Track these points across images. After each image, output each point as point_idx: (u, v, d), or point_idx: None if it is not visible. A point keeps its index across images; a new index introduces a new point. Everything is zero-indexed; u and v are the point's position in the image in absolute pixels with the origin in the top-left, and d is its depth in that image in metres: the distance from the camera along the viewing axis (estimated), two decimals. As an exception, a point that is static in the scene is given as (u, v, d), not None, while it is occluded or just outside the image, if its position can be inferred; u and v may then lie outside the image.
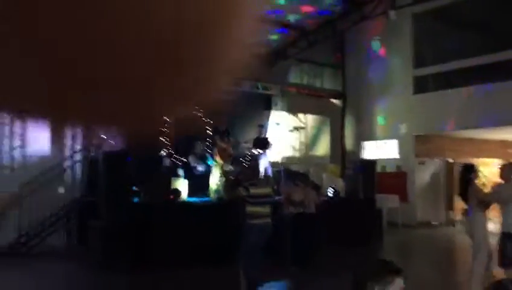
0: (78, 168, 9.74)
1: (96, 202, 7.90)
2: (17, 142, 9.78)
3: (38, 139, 9.97)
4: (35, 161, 9.71)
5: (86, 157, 9.70)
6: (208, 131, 10.27)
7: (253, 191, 5.71)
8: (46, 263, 7.96)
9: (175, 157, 10.07)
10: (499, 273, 5.28)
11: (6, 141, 9.66)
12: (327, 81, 15.50)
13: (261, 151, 10.44)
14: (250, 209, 5.62)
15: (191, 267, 6.98)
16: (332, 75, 15.63)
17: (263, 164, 10.43)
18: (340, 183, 11.57)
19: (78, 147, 9.93)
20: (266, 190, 5.92)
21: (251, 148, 10.64)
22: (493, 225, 6.06)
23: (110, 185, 7.57)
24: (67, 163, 9.61)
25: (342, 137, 15.54)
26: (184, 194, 9.11)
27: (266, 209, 5.66)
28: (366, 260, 7.95)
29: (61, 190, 9.34)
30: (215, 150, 10.20)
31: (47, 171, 8.99)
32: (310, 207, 7.15)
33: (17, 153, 9.76)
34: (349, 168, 13.11)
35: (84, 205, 8.99)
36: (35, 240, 8.62)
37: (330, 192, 10.67)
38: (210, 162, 10.33)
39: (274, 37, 12.00)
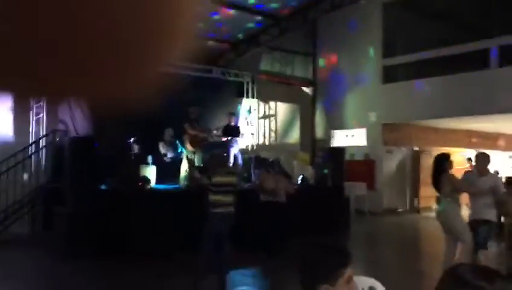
0: (44, 154, 9.50)
1: (62, 189, 7.73)
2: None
3: (1, 124, 9.72)
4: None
5: (52, 143, 9.47)
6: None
7: (215, 179, 5.80)
8: (10, 251, 7.78)
9: (144, 144, 9.95)
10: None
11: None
12: (298, 69, 15.55)
13: (231, 138, 10.43)
14: (212, 197, 5.71)
15: (158, 255, 6.96)
16: (303, 63, 15.68)
17: (233, 152, 10.45)
18: (310, 171, 11.68)
19: (43, 132, 9.69)
20: (229, 179, 5.94)
21: (221, 136, 10.62)
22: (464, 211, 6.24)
23: (77, 171, 7.44)
24: (32, 149, 9.35)
25: (312, 125, 15.66)
26: (153, 182, 9.05)
27: (228, 198, 5.71)
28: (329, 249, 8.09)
29: (25, 177, 9.11)
30: (185, 137, 10.16)
31: (10, 157, 8.72)
32: (280, 195, 7.14)
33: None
34: (318, 156, 13.26)
35: (49, 192, 8.80)
36: (-2, 227, 8.41)
37: (300, 180, 10.77)
38: (180, 149, 10.28)
39: (249, 24, 11.90)
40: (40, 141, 9.57)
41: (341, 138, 14.96)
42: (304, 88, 15.85)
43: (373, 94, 14.00)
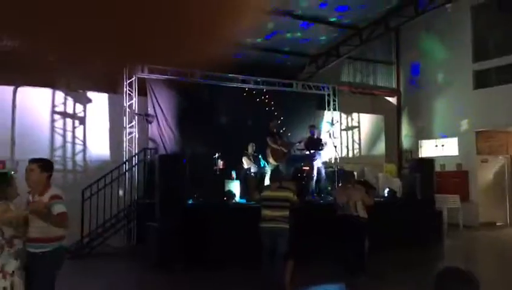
0: (136, 171, 10.06)
1: (153, 204, 8.14)
2: (79, 147, 10.29)
3: (98, 143, 10.46)
4: (96, 165, 10.19)
5: (143, 160, 10.03)
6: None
7: (264, 194, 5.98)
8: (108, 262, 8.31)
9: (228, 159, 10.20)
10: None
11: (69, 146, 10.19)
12: (381, 79, 15.18)
13: (314, 151, 10.39)
14: (262, 212, 5.88)
15: (243, 267, 7.07)
16: (386, 72, 15.29)
17: (316, 165, 10.39)
18: (397, 183, 11.29)
19: (135, 150, 10.28)
20: (280, 193, 5.93)
21: (304, 149, 10.62)
22: None
23: (167, 187, 7.80)
24: (126, 167, 9.95)
25: (398, 135, 15.17)
26: (237, 196, 9.25)
27: (276, 213, 5.76)
28: (426, 263, 7.73)
29: (120, 193, 9.69)
30: (268, 151, 10.28)
31: (107, 174, 9.35)
32: (356, 209, 6.93)
33: (79, 158, 10.27)
34: (405, 167, 12.77)
35: (142, 207, 9.29)
36: (97, 240, 9.00)
37: (386, 192, 10.45)
38: (263, 163, 10.41)
39: (329, 35, 11.87)
40: (133, 158, 10.15)
41: (430, 148, 14.32)
42: (388, 98, 15.43)
43: (464, 101, 13.27)
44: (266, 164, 10.37)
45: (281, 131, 11.27)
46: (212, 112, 11.32)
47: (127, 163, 10.02)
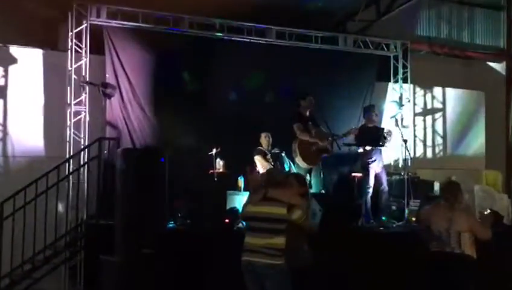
0: (86, 174, 10.04)
1: (112, 228, 8.11)
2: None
3: (26, 129, 10.45)
4: (22, 164, 10.19)
5: (98, 157, 9.98)
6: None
7: (245, 209, 6.26)
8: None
9: (231, 158, 10.14)
10: None
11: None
12: (481, 34, 15.00)
13: (371, 148, 10.31)
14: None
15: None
16: (490, 22, 15.11)
17: (375, 170, 10.29)
18: (505, 202, 11.15)
19: (85, 142, 10.25)
20: (268, 209, 5.99)
21: (354, 144, 10.59)
22: None
23: (133, 200, 7.74)
24: (69, 167, 9.94)
25: (508, 125, 14.97)
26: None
27: (261, 241, 5.88)
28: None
29: (60, 209, 9.67)
30: (295, 146, 10.19)
31: (39, 179, 9.33)
32: (458, 243, 6.84)
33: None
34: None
35: (94, 232, 9.26)
36: (23, 284, 8.99)
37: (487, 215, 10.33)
38: (287, 164, 10.33)
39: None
40: (81, 154, 10.11)
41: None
42: (492, 64, 15.25)
43: None
44: (292, 165, 10.29)
45: (318, 115, 11.17)
46: (208, 83, 11.30)
47: (71, 161, 9.99)
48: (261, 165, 10.23)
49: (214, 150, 9.95)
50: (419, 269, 7.11)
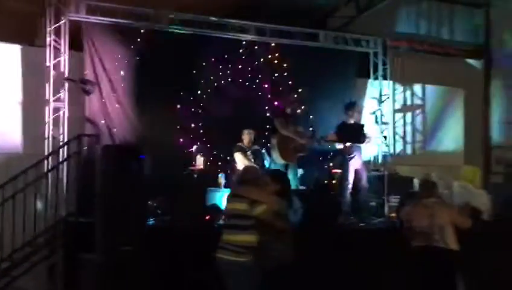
0: (65, 171, 9.97)
1: (92, 225, 8.05)
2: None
3: (3, 125, 10.36)
4: (0, 160, 10.09)
5: (77, 154, 9.91)
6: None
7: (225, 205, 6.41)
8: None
9: (212, 155, 10.13)
10: None
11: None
12: (459, 31, 15.08)
13: (351, 145, 10.32)
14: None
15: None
16: (468, 19, 15.19)
17: (354, 166, 10.32)
18: (482, 198, 11.20)
19: (64, 138, 10.18)
20: (234, 205, 6.14)
21: (334, 141, 10.58)
22: None
23: (113, 197, 7.69)
24: (48, 164, 9.86)
25: (486, 121, 15.07)
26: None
27: (236, 237, 5.99)
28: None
29: (39, 206, 9.60)
30: (274, 142, 10.18)
31: (17, 176, 9.25)
32: (441, 237, 6.94)
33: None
34: (498, 172, 12.69)
35: (73, 230, 9.19)
36: (0, 282, 8.90)
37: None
38: (268, 161, 10.33)
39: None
40: (60, 151, 10.04)
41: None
42: (471, 60, 15.34)
43: None
44: (272, 162, 10.29)
45: (298, 111, 11.18)
46: (188, 80, 11.25)
47: (50, 158, 9.92)
48: (241, 162, 10.21)
49: (194, 147, 9.96)
50: (400, 264, 7.16)
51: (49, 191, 9.77)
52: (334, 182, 10.79)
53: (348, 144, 10.37)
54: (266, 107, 10.93)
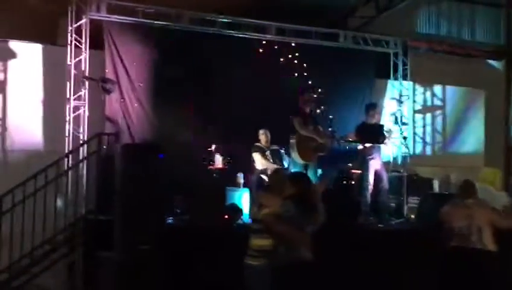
0: (85, 169, 9.99)
1: (111, 223, 8.07)
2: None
3: (25, 123, 10.40)
4: (21, 159, 10.16)
5: (97, 152, 9.93)
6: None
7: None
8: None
9: (231, 155, 10.11)
10: None
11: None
12: (481, 31, 14.96)
13: (371, 145, 10.27)
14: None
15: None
16: (489, 20, 15.07)
17: (374, 167, 10.25)
18: (503, 200, 11.08)
19: (84, 136, 10.21)
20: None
21: (354, 141, 10.56)
22: None
23: (132, 196, 7.71)
24: (68, 162, 9.88)
25: (507, 122, 14.94)
26: (246, 212, 9.28)
27: (262, 242, 5.90)
28: None
29: (59, 204, 9.62)
30: (293, 141, 10.11)
31: (37, 174, 9.28)
32: (479, 238, 6.89)
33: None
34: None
35: (93, 228, 9.21)
36: (21, 279, 8.94)
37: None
38: (287, 161, 10.29)
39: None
40: (81, 149, 10.07)
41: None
42: (492, 61, 15.21)
43: None
44: (291, 162, 10.23)
45: (318, 111, 11.13)
46: (207, 79, 11.24)
47: (70, 156, 9.94)
48: (259, 162, 10.19)
49: (213, 146, 9.95)
50: (420, 266, 7.11)
51: (69, 189, 9.79)
52: (353, 182, 10.70)
53: (367, 144, 10.30)
54: (285, 107, 10.85)
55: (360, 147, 10.44)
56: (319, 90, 11.57)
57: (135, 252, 7.57)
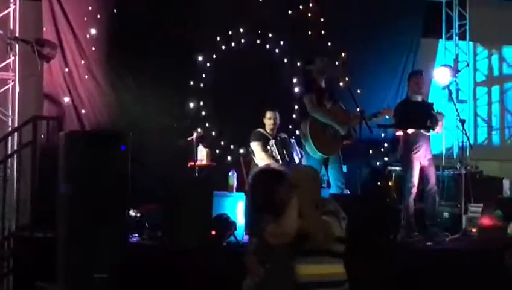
0: (15, 168, 10.04)
1: (52, 243, 8.09)
2: None
3: None
4: None
5: (32, 144, 9.97)
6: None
7: None
8: None
9: (221, 145, 10.16)
10: None
11: None
12: None
13: (415, 132, 10.26)
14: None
15: None
16: None
17: (419, 162, 10.26)
18: None
19: (13, 122, 10.23)
20: None
21: (392, 126, 10.60)
22: None
23: (82, 205, 7.71)
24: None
25: None
26: (240, 226, 9.33)
27: None
28: None
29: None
30: (305, 127, 10.05)
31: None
32: None
33: None
34: None
35: (26, 249, 9.26)
36: None
37: None
38: (296, 155, 10.32)
39: None
40: (9, 139, 10.09)
41: None
42: None
43: None
44: (305, 153, 10.24)
45: (341, 84, 11.14)
46: (185, 39, 11.27)
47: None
48: (260, 156, 10.18)
49: (195, 134, 9.94)
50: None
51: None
52: (390, 184, 10.74)
53: (411, 130, 10.29)
54: (295, 80, 10.86)
55: (400, 133, 10.42)
56: (342, 54, 11.62)
57: (86, 284, 7.59)
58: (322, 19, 12.05)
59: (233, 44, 11.38)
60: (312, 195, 5.17)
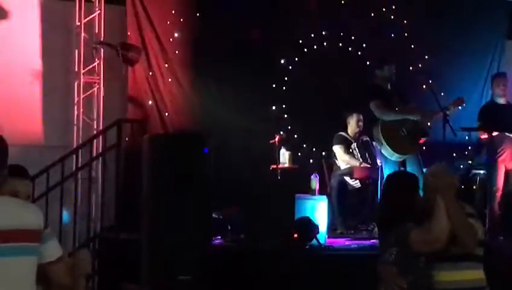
0: (100, 170, 10.13)
1: (137, 245, 8.16)
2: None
3: (19, 109, 10.58)
4: (12, 157, 10.27)
5: (116, 147, 10.06)
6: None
7: None
8: None
9: (300, 148, 10.13)
10: None
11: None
12: None
13: (500, 134, 10.12)
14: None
15: None
16: None
17: (506, 165, 10.09)
18: None
19: (97, 125, 10.33)
20: None
21: (474, 129, 10.46)
22: None
23: (165, 207, 7.77)
24: (77, 161, 10.02)
25: None
26: (322, 230, 9.25)
27: None
28: None
29: (65, 218, 9.77)
30: (377, 132, 9.90)
31: (36, 176, 9.43)
32: None
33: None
34: None
35: (112, 250, 9.35)
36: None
37: None
38: (379, 157, 10.24)
39: None
40: (94, 142, 10.20)
41: None
42: None
43: None
44: (382, 156, 10.14)
45: (424, 87, 11.02)
46: (269, 42, 11.28)
47: (80, 152, 10.10)
48: (342, 159, 10.15)
49: (277, 137, 9.93)
50: None
51: (79, 197, 9.93)
52: (474, 187, 10.58)
53: (495, 133, 10.14)
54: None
55: (484, 136, 10.28)
56: (425, 57, 11.51)
57: (170, 286, 7.64)
58: (405, 21, 11.96)
59: (315, 47, 11.33)
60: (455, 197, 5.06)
